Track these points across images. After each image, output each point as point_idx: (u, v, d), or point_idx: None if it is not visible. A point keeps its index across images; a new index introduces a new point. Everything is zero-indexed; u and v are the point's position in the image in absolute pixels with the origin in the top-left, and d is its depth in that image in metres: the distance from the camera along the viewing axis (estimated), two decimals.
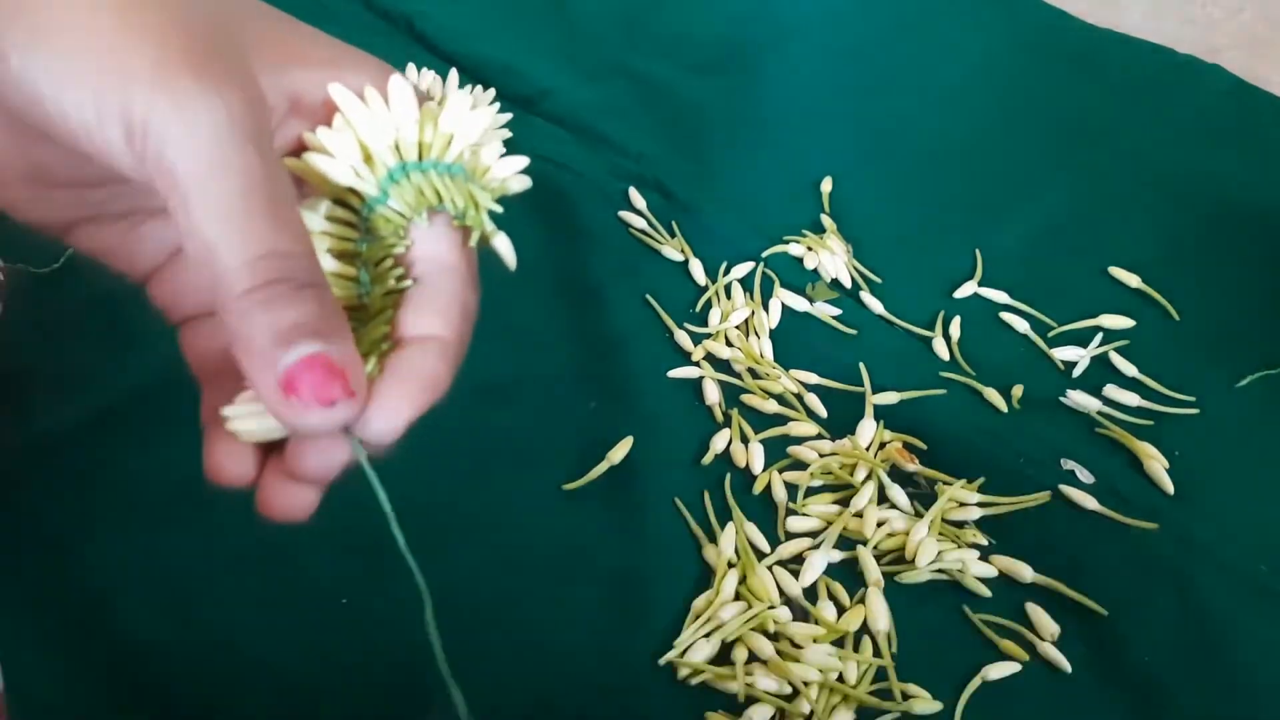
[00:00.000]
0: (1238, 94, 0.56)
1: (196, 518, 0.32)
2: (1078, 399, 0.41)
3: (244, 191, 0.21)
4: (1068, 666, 0.33)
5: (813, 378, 0.41)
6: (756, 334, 0.43)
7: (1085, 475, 0.38)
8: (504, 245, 0.28)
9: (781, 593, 0.35)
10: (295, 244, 0.22)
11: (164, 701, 0.30)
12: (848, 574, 0.35)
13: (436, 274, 0.27)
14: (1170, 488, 0.38)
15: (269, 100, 0.24)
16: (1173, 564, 0.36)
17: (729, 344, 0.42)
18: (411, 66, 0.58)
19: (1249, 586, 0.35)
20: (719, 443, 0.39)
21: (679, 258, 0.46)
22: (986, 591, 0.35)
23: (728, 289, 0.44)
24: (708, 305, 0.44)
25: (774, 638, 0.33)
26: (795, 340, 0.43)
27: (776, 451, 0.38)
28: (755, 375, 0.41)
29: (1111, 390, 0.41)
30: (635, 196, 0.49)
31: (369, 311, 0.25)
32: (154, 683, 0.31)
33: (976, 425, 0.40)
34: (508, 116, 0.56)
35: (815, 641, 0.33)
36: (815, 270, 0.46)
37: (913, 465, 0.38)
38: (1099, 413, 0.40)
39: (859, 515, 0.36)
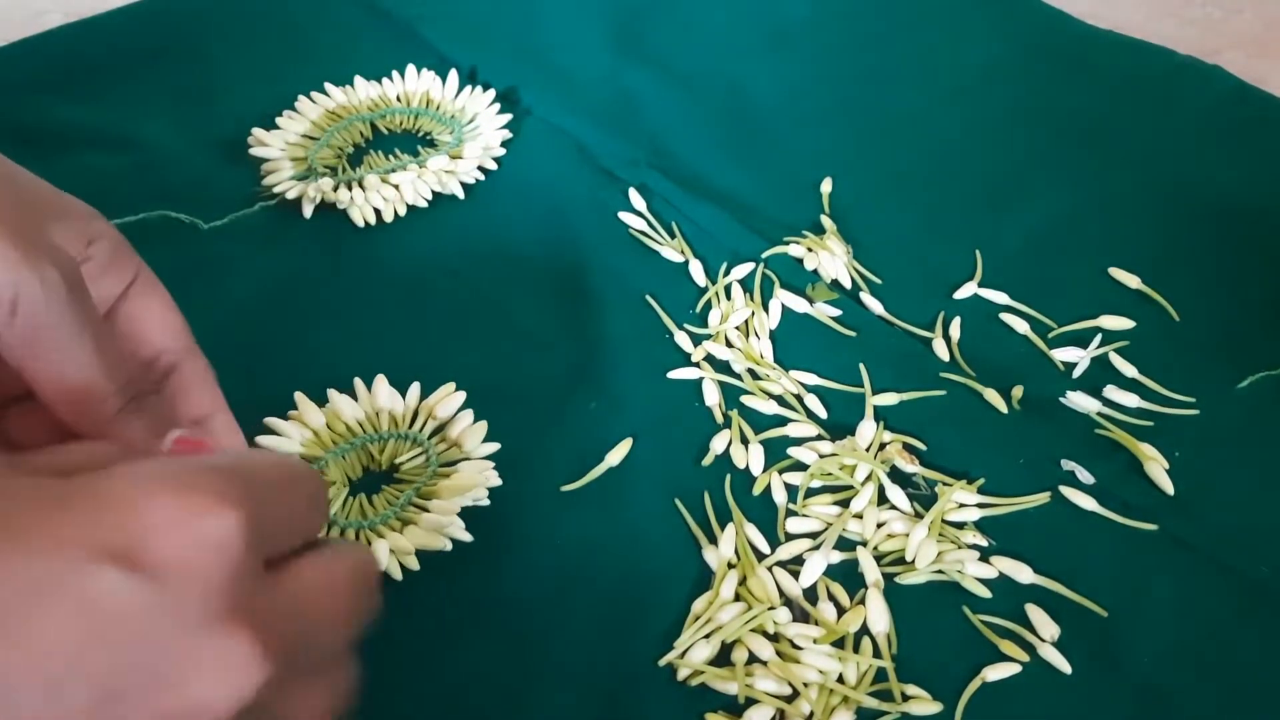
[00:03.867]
0: (1238, 95, 0.56)
1: None
2: (1078, 400, 0.41)
3: (95, 336, 0.27)
4: (1068, 667, 0.33)
5: (813, 378, 0.41)
6: (756, 335, 0.43)
7: (1085, 476, 0.38)
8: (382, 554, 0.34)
9: (781, 594, 0.35)
10: (126, 368, 0.28)
11: None
12: (848, 575, 0.35)
13: (176, 355, 0.32)
14: (1170, 489, 0.38)
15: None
16: (1173, 565, 0.36)
17: (729, 345, 0.42)
18: (411, 67, 0.58)
19: (1249, 587, 0.35)
20: (719, 444, 0.39)
21: (679, 258, 0.46)
22: (986, 592, 0.35)
23: (728, 290, 0.44)
24: (708, 306, 0.44)
25: (774, 639, 0.33)
26: (795, 341, 0.43)
27: (776, 452, 0.38)
28: (755, 376, 0.41)
29: (1111, 391, 0.41)
30: (635, 197, 0.49)
31: None
32: None
33: (976, 426, 0.40)
34: (507, 118, 0.56)
35: (815, 642, 0.33)
36: (815, 271, 0.46)
37: (913, 466, 0.38)
38: (1099, 413, 0.40)
39: (859, 516, 0.37)
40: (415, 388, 0.39)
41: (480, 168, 0.49)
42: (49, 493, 0.20)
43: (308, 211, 0.46)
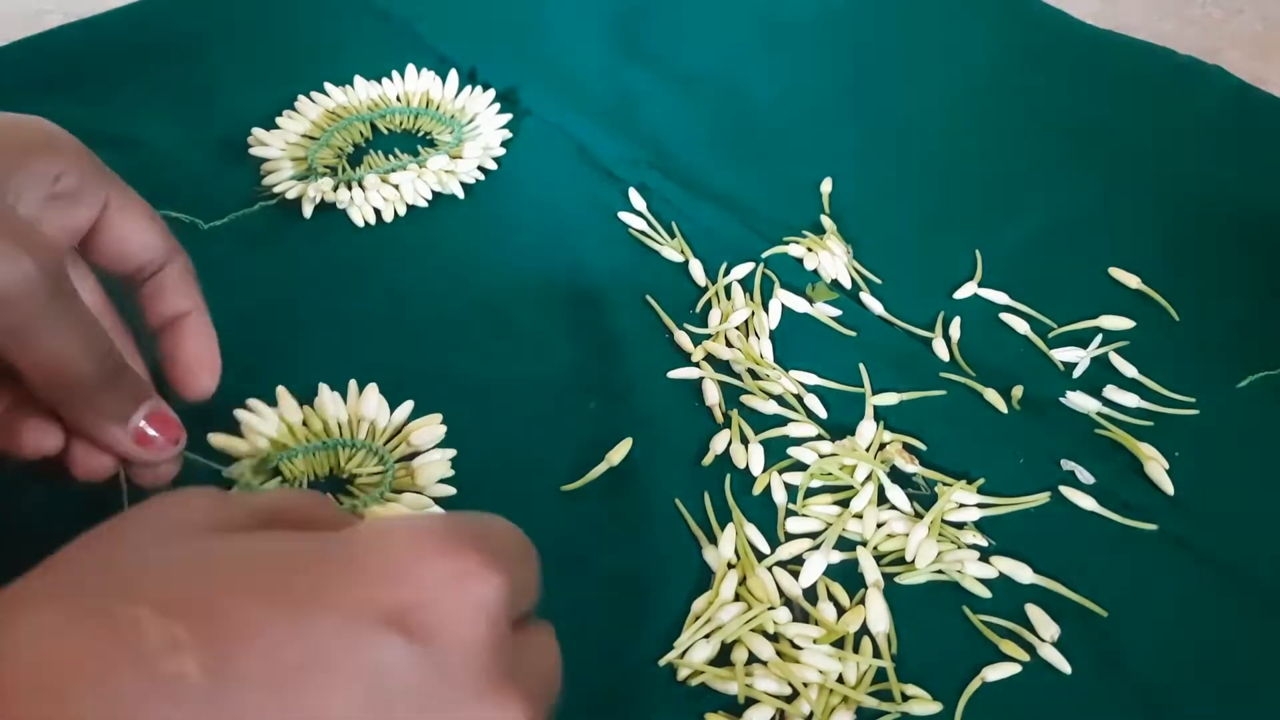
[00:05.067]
0: (1238, 95, 0.56)
1: None
2: (1077, 400, 0.41)
3: (76, 320, 0.27)
4: (1067, 667, 0.33)
5: (813, 378, 0.41)
6: (756, 335, 0.43)
7: (1085, 476, 0.38)
8: None
9: (781, 594, 0.35)
10: (105, 345, 0.28)
11: None
12: (847, 575, 0.35)
13: (168, 259, 0.33)
14: (1170, 489, 0.38)
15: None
16: (1173, 565, 0.36)
17: (729, 345, 0.42)
18: (411, 67, 0.58)
19: (1249, 587, 0.35)
20: (719, 443, 0.39)
21: (679, 258, 0.46)
22: (986, 592, 0.35)
23: (728, 290, 0.44)
24: (708, 306, 0.44)
25: (774, 639, 0.33)
26: (795, 341, 0.43)
27: (776, 452, 0.38)
28: (755, 376, 0.41)
29: (1111, 391, 0.41)
30: (635, 197, 0.49)
31: None
32: None
33: (976, 426, 0.40)
34: (507, 118, 0.56)
35: (815, 642, 0.33)
36: (815, 271, 0.46)
37: (913, 466, 0.38)
38: (1099, 413, 0.40)
39: (859, 516, 0.36)
40: (407, 405, 0.38)
41: (480, 168, 0.49)
42: (323, 553, 0.20)
43: (308, 211, 0.46)
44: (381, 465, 0.37)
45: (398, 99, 0.52)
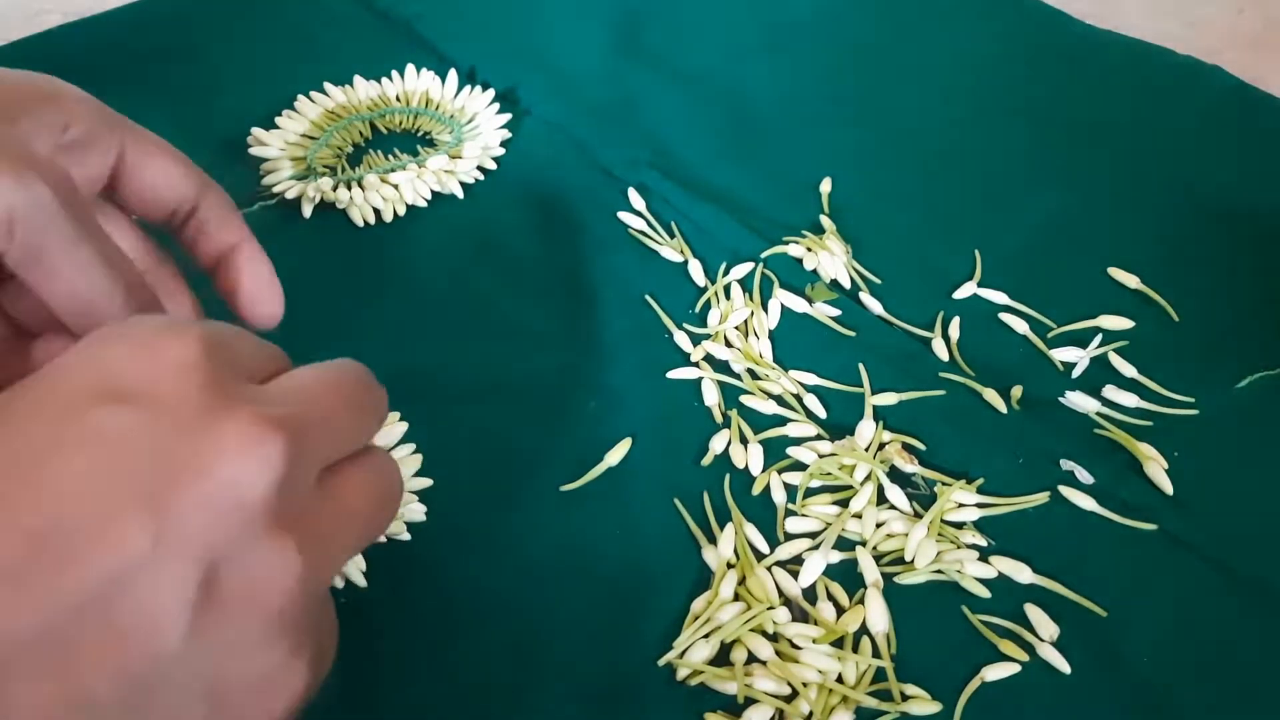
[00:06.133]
0: (1238, 95, 0.56)
1: None
2: (1077, 400, 0.41)
3: (95, 245, 0.27)
4: (1067, 667, 0.33)
5: (812, 378, 0.41)
6: (756, 335, 0.43)
7: (1085, 476, 0.38)
8: None
9: (781, 593, 0.35)
10: (133, 265, 0.28)
11: None
12: (847, 575, 0.35)
13: (195, 199, 0.32)
14: (1169, 488, 0.38)
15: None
16: (1172, 564, 0.36)
17: (728, 345, 0.42)
18: (411, 67, 0.58)
19: (1249, 587, 0.35)
20: (718, 443, 0.39)
21: (678, 258, 0.46)
22: (986, 592, 0.35)
23: (727, 290, 0.44)
24: (707, 306, 0.44)
25: (773, 638, 0.33)
26: (795, 341, 0.43)
27: (776, 452, 0.38)
28: (755, 376, 0.41)
29: (1111, 391, 0.41)
30: (635, 197, 0.49)
31: None
32: None
33: (976, 426, 0.40)
34: (507, 117, 0.56)
35: (814, 642, 0.33)
36: (815, 271, 0.46)
37: (912, 466, 0.38)
38: (1098, 413, 0.40)
39: (858, 516, 0.36)
40: None
41: (480, 167, 0.49)
42: (34, 376, 0.21)
43: (307, 211, 0.46)
44: None
45: (397, 99, 0.52)
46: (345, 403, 0.24)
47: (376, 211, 0.47)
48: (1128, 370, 0.42)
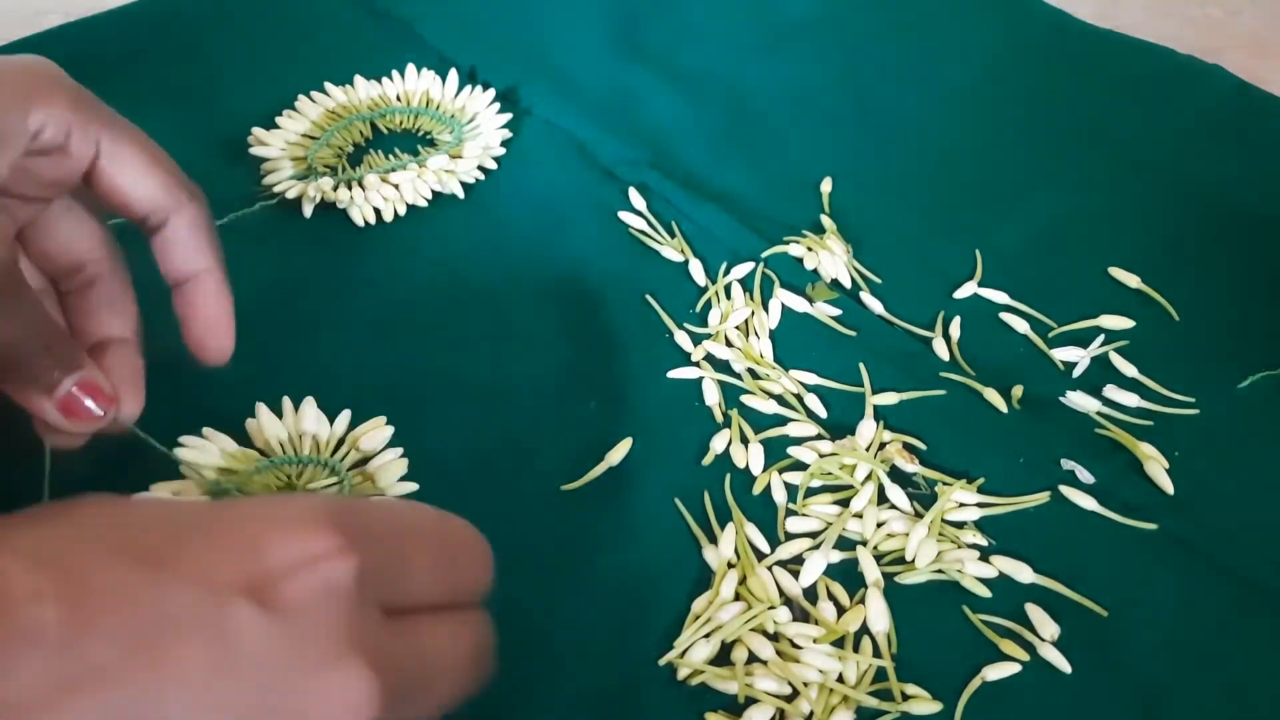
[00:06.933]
0: (1238, 94, 0.56)
1: None
2: (1078, 399, 0.41)
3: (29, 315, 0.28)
4: (1068, 667, 0.33)
5: (813, 378, 0.41)
6: (756, 334, 0.43)
7: (1085, 475, 0.38)
8: None
9: (781, 593, 0.35)
10: (56, 325, 0.30)
11: None
12: (847, 574, 0.35)
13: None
14: (1170, 488, 0.38)
15: None
16: (1173, 565, 0.36)
17: (729, 344, 0.42)
18: (411, 67, 0.58)
19: (1249, 587, 0.35)
20: (719, 443, 0.39)
21: (679, 258, 0.46)
22: (986, 592, 0.35)
23: (728, 289, 0.44)
24: (708, 305, 0.44)
25: (774, 638, 0.33)
26: (795, 340, 0.43)
27: (776, 452, 0.38)
28: (755, 375, 0.41)
29: (1111, 391, 0.41)
30: (635, 197, 0.49)
31: None
32: None
33: (976, 425, 0.40)
34: (507, 117, 0.56)
35: (815, 642, 0.33)
36: (815, 270, 0.46)
37: (913, 465, 0.38)
38: (1099, 413, 0.40)
39: (859, 516, 0.36)
40: (345, 415, 0.38)
41: (480, 167, 0.49)
42: (192, 523, 0.21)
43: (308, 211, 0.46)
44: (335, 476, 0.36)
45: (398, 99, 0.52)
46: (463, 667, 0.24)
47: (377, 211, 0.47)
48: (1128, 370, 0.42)
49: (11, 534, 0.20)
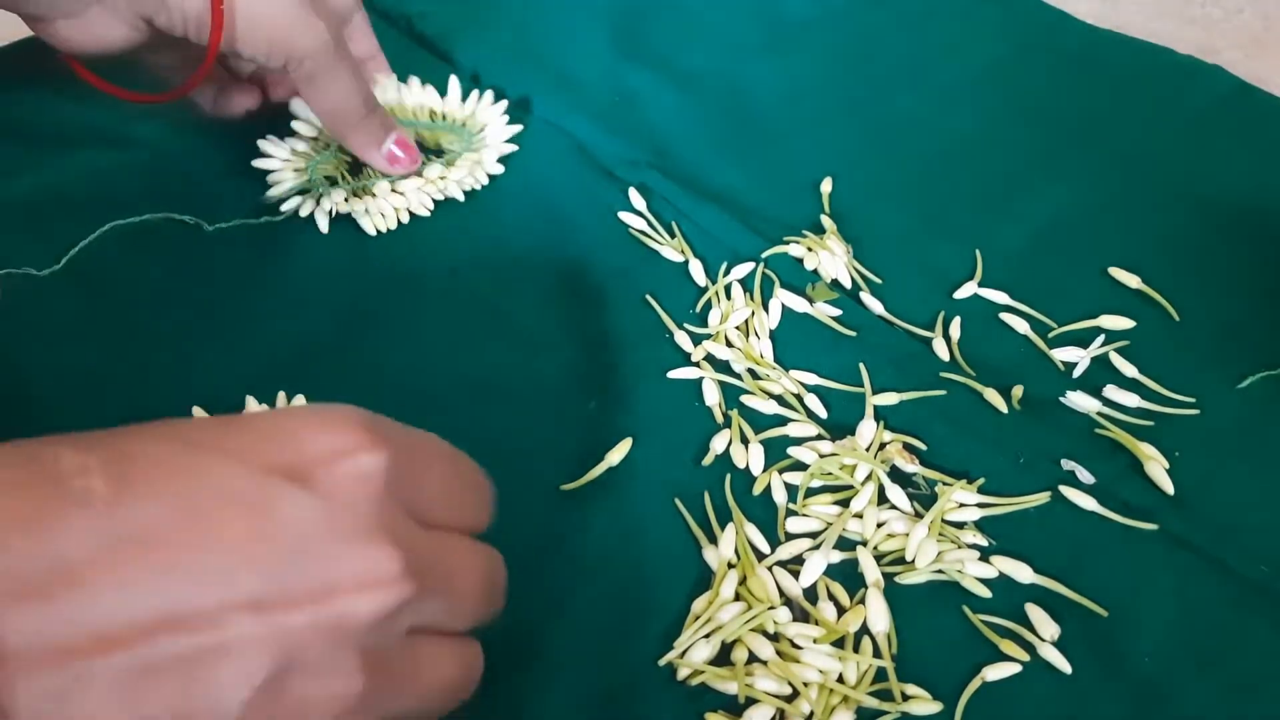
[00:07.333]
0: (1238, 94, 0.56)
1: None
2: (1078, 400, 0.41)
3: (352, 71, 0.43)
4: (1068, 667, 0.33)
5: (813, 378, 0.41)
6: (756, 334, 0.43)
7: (1085, 475, 0.38)
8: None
9: (781, 593, 0.35)
10: (367, 84, 0.44)
11: None
12: (848, 575, 0.35)
13: (353, 12, 0.47)
14: (1170, 488, 0.38)
15: None
16: (1173, 565, 0.36)
17: (729, 344, 0.42)
18: (415, 79, 0.58)
19: (1249, 587, 0.35)
20: (719, 443, 0.39)
21: (679, 258, 0.46)
22: (986, 592, 0.35)
23: (728, 289, 0.44)
24: (708, 306, 0.44)
25: (774, 638, 0.33)
26: (795, 341, 0.43)
27: (776, 452, 0.38)
28: (755, 376, 0.41)
29: (1111, 391, 0.41)
30: (635, 197, 0.49)
31: None
32: None
33: (976, 426, 0.40)
34: (517, 129, 0.56)
35: (815, 642, 0.33)
36: (815, 271, 0.46)
37: (913, 466, 0.38)
38: (1099, 413, 0.40)
39: (859, 516, 0.37)
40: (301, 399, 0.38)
41: (485, 172, 0.49)
42: (223, 421, 0.23)
43: (324, 225, 0.46)
44: None
45: (414, 114, 0.52)
46: (479, 586, 0.26)
47: (384, 217, 0.47)
48: (1129, 370, 0.42)
49: (69, 437, 0.22)
